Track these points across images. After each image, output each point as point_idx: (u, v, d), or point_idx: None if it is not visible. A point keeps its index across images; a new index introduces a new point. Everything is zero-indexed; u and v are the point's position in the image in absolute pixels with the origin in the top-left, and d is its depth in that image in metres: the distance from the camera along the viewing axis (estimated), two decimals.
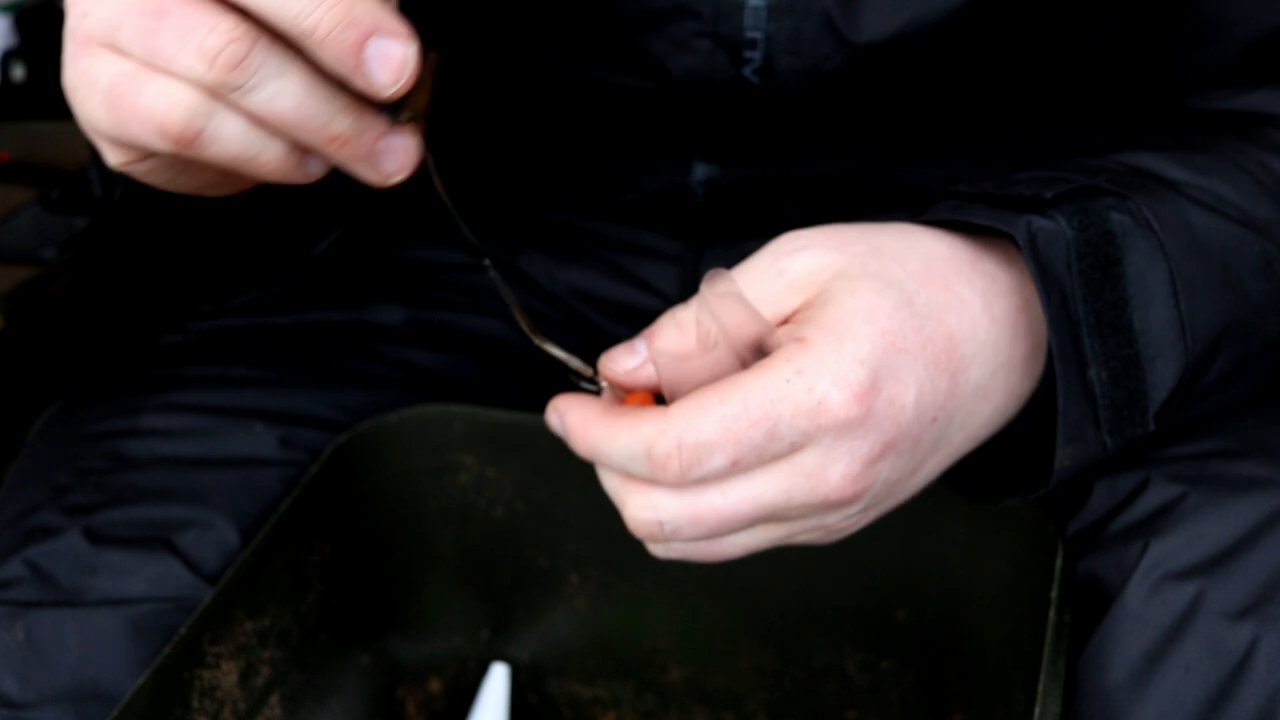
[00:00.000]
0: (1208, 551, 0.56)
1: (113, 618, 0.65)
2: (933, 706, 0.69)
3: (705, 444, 0.46)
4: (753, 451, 0.47)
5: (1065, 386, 0.51)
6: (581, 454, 0.50)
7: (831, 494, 0.48)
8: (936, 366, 0.49)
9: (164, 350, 0.79)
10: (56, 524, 0.68)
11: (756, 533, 0.50)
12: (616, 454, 0.49)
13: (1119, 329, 0.52)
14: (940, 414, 0.50)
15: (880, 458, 0.48)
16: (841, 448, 0.47)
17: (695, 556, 0.51)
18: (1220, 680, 0.54)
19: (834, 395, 0.47)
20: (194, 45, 0.44)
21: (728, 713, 0.74)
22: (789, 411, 0.46)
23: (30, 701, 0.63)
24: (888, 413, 0.48)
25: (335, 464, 0.69)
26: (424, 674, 0.77)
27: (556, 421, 0.51)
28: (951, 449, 0.52)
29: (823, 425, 0.47)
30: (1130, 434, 0.53)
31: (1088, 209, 0.53)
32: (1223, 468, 0.58)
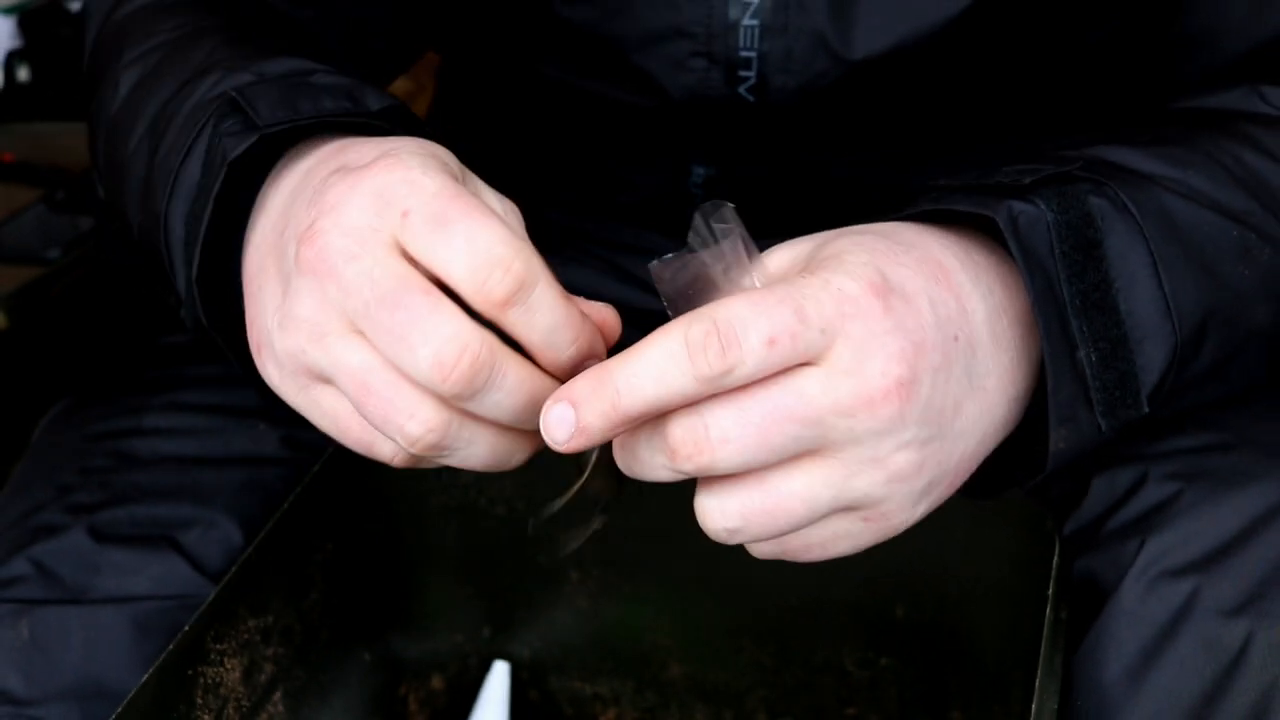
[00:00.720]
0: (1203, 549, 0.56)
1: (117, 615, 0.65)
2: (931, 703, 0.70)
3: (739, 318, 0.45)
4: (786, 330, 0.45)
5: (1054, 367, 0.51)
6: (605, 415, 0.46)
7: (876, 396, 0.46)
8: (937, 281, 0.49)
9: (167, 350, 0.80)
10: (61, 523, 0.68)
11: (812, 471, 0.47)
12: (652, 364, 0.45)
13: (1104, 310, 0.52)
14: (960, 334, 0.49)
15: (916, 361, 0.47)
16: (874, 343, 0.46)
17: (752, 516, 0.47)
18: (1215, 676, 0.54)
19: (850, 284, 0.46)
20: (396, 428, 0.47)
21: (727, 710, 0.74)
22: (812, 295, 0.46)
23: (35, 699, 0.63)
24: (908, 311, 0.47)
25: (337, 463, 0.69)
26: (426, 671, 0.77)
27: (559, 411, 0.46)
28: (986, 396, 0.50)
29: (847, 313, 0.46)
30: (1124, 416, 0.53)
31: (1066, 193, 0.53)
32: (1219, 463, 0.59)
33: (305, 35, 0.73)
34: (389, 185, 0.47)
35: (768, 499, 0.47)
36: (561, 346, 0.47)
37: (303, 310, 0.48)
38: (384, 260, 0.46)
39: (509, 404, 0.47)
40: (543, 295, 0.47)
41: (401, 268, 0.46)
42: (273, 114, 0.56)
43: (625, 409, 0.45)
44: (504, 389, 0.47)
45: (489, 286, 0.45)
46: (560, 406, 0.46)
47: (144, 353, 0.80)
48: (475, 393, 0.46)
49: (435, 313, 0.45)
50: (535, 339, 0.47)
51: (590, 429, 0.46)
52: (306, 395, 0.50)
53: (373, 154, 0.50)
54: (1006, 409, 0.52)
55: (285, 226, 0.51)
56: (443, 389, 0.45)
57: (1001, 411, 0.52)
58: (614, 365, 0.46)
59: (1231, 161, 0.59)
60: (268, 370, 0.52)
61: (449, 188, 0.47)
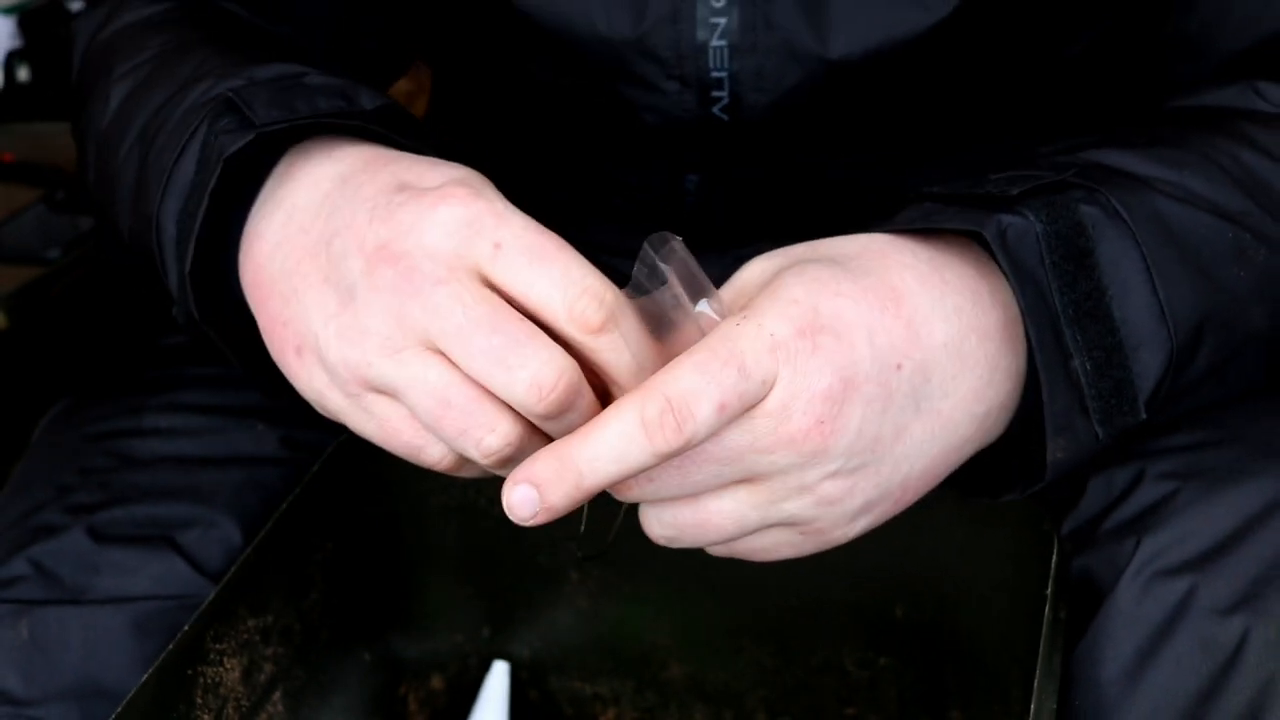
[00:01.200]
0: (1199, 548, 0.56)
1: (116, 616, 0.65)
2: (930, 703, 0.70)
3: (690, 392, 0.46)
4: (734, 391, 0.47)
5: (1048, 378, 0.51)
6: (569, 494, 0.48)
7: (796, 432, 0.48)
8: (884, 310, 0.50)
9: (166, 350, 0.80)
10: (60, 523, 0.68)
11: (740, 495, 0.50)
12: (611, 444, 0.47)
13: (1098, 318, 0.52)
14: (906, 362, 0.50)
15: (844, 397, 0.48)
16: (800, 382, 0.48)
17: (686, 529, 0.51)
18: (1211, 674, 0.54)
19: (780, 328, 0.48)
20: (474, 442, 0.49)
21: (727, 710, 0.74)
22: (749, 346, 0.47)
23: (34, 699, 0.64)
24: (837, 347, 0.48)
25: (337, 462, 0.69)
26: (426, 671, 0.77)
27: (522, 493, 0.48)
28: (940, 418, 0.51)
29: (780, 359, 0.47)
30: (1122, 423, 0.53)
31: (1055, 203, 0.53)
32: (1215, 460, 0.59)
33: (290, 48, 0.74)
34: (477, 216, 0.49)
35: (698, 516, 0.51)
36: (644, 376, 0.49)
37: (375, 324, 0.49)
38: (473, 287, 0.48)
39: (576, 424, 0.49)
40: (630, 326, 0.49)
41: (492, 295, 0.48)
42: (268, 113, 0.57)
43: (588, 488, 0.48)
44: (579, 411, 0.49)
45: (586, 315, 0.48)
46: (522, 489, 0.48)
47: (144, 353, 0.80)
48: (563, 414, 0.48)
49: (534, 339, 0.48)
50: (623, 367, 0.49)
51: (554, 508, 0.48)
52: (356, 403, 0.52)
53: (438, 179, 0.52)
54: (972, 426, 0.53)
55: (331, 235, 0.52)
56: (537, 409, 0.48)
57: (965, 429, 0.52)
58: (575, 447, 0.48)
59: (1228, 161, 0.59)
60: (311, 374, 0.53)
61: (534, 224, 0.50)
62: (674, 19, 0.68)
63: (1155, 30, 0.69)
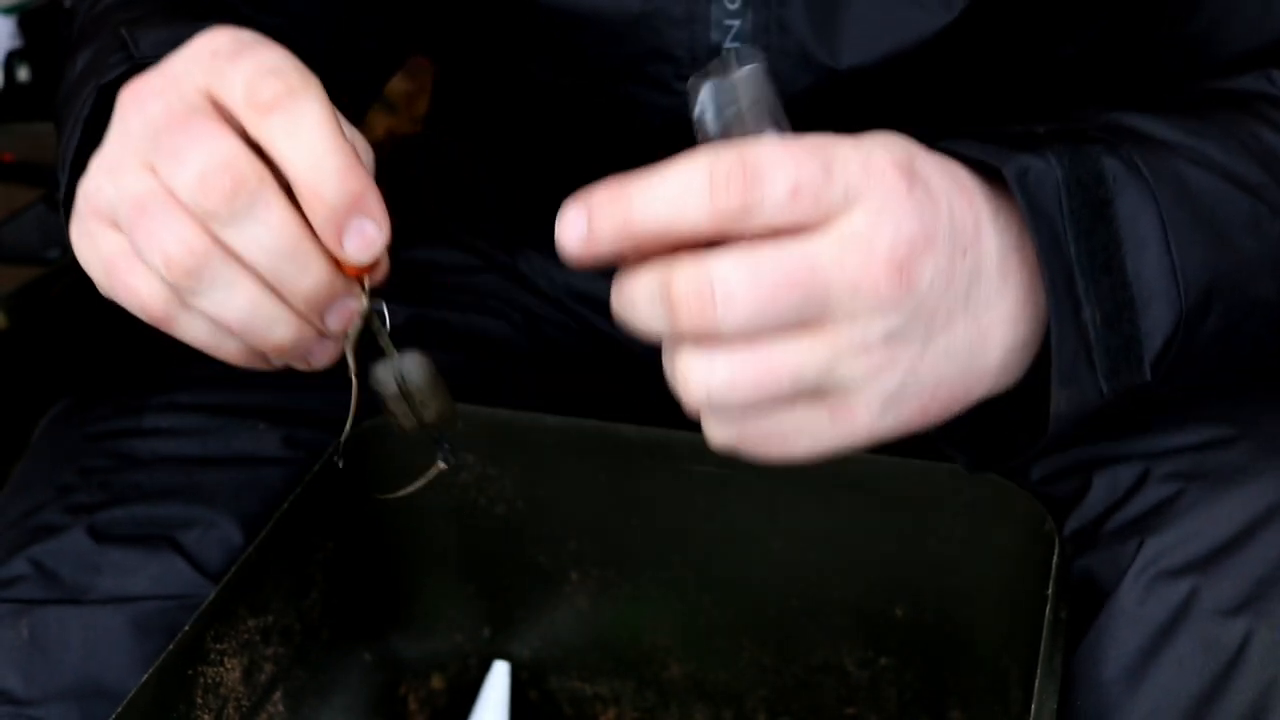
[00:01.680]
0: (1202, 548, 0.56)
1: (117, 615, 0.65)
2: (931, 703, 0.70)
3: (768, 159, 0.44)
4: (811, 182, 0.44)
5: (1059, 325, 0.51)
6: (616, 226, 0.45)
7: (880, 274, 0.45)
8: (960, 192, 0.49)
9: (167, 349, 0.80)
10: (60, 523, 0.68)
11: (805, 342, 0.46)
12: (671, 187, 0.44)
13: (1111, 271, 0.52)
14: (970, 251, 0.49)
15: (925, 249, 0.46)
16: (888, 217, 0.45)
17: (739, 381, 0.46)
18: (1214, 675, 0.54)
19: (879, 154, 0.46)
20: (158, 247, 0.49)
21: (727, 709, 0.74)
22: (843, 154, 0.45)
23: (35, 699, 0.64)
24: (927, 199, 0.47)
25: None
26: (426, 671, 0.77)
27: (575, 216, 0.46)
28: (979, 329, 0.50)
29: (872, 180, 0.45)
30: (1127, 380, 0.52)
31: (1078, 150, 0.52)
32: (1221, 460, 0.59)
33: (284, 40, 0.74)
34: (216, 41, 0.50)
35: (760, 364, 0.46)
36: (327, 179, 0.48)
37: (106, 151, 0.51)
38: (186, 94, 0.49)
39: (269, 243, 0.49)
40: (312, 110, 0.48)
41: (199, 100, 0.49)
42: (153, 48, 0.58)
43: (636, 226, 0.45)
44: (265, 223, 0.48)
45: (259, 92, 0.48)
46: (575, 209, 0.46)
47: (144, 352, 0.80)
48: (234, 216, 0.48)
49: (211, 134, 0.48)
50: (299, 159, 0.48)
51: (600, 237, 0.46)
52: (90, 242, 0.52)
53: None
54: (1000, 355, 0.51)
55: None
56: (203, 205, 0.47)
57: (994, 356, 0.51)
58: (634, 181, 0.45)
59: (1248, 136, 0.58)
60: (74, 220, 0.53)
61: (264, 40, 0.50)
62: (688, 20, 0.68)
63: (1157, 29, 0.69)
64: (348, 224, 0.49)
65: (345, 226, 0.49)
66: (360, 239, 0.50)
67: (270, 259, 0.49)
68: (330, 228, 0.49)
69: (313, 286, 0.51)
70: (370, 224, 0.50)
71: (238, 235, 0.48)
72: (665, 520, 0.70)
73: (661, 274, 0.45)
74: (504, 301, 0.86)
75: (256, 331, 0.51)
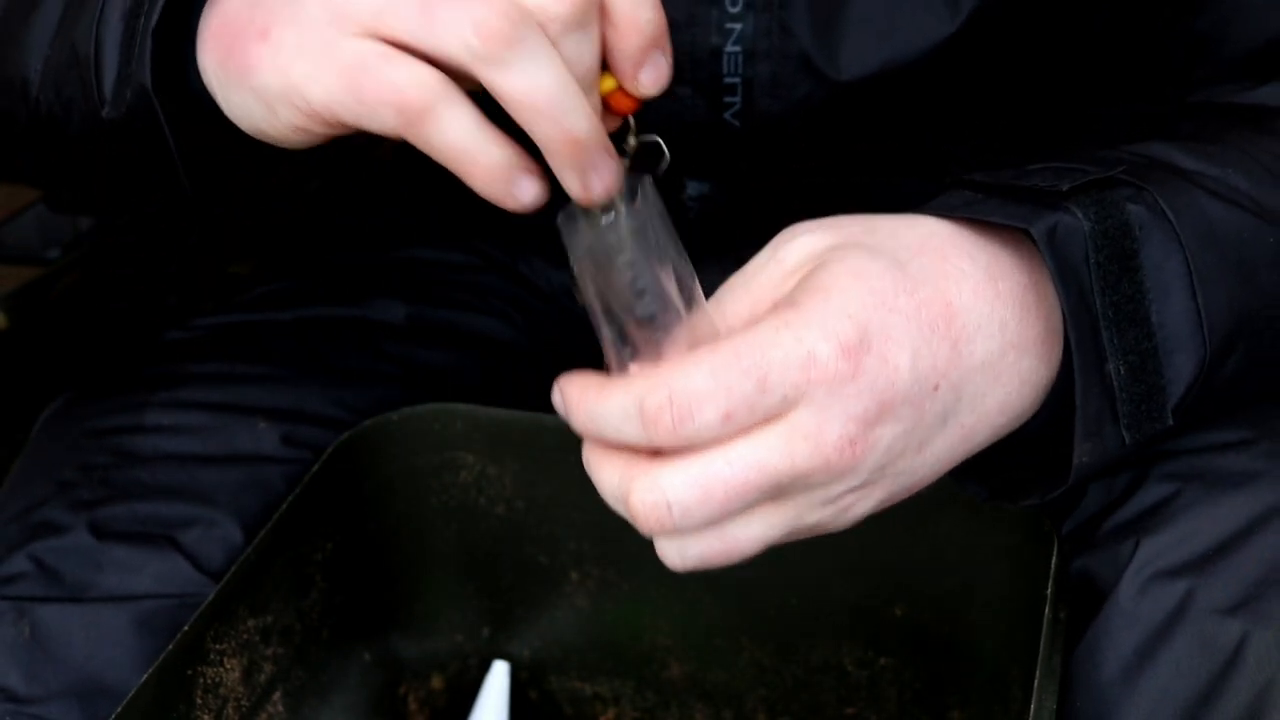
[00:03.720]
0: (1199, 549, 0.56)
1: (118, 614, 0.65)
2: (930, 703, 0.70)
3: (697, 393, 0.45)
4: (745, 403, 0.46)
5: (1084, 381, 0.51)
6: (579, 428, 0.49)
7: (832, 457, 0.47)
8: (933, 330, 0.49)
9: (168, 346, 0.80)
10: (62, 519, 0.68)
11: (766, 516, 0.49)
12: (611, 416, 0.47)
13: (1136, 322, 0.52)
14: (943, 382, 0.49)
15: (878, 420, 0.47)
16: (836, 406, 0.46)
17: (710, 557, 0.50)
18: (1211, 676, 0.54)
19: (822, 347, 0.46)
20: (467, 17, 0.46)
21: (727, 709, 0.74)
22: (779, 360, 0.46)
23: (36, 696, 0.64)
24: (880, 371, 0.47)
25: (337, 462, 0.69)
26: (425, 671, 0.77)
27: (559, 399, 0.50)
28: (963, 430, 0.51)
29: (813, 379, 0.46)
30: (1149, 430, 0.53)
31: (1104, 201, 0.52)
32: (1218, 462, 0.59)
33: None
34: None
35: (725, 544, 0.49)
36: (646, 6, 0.48)
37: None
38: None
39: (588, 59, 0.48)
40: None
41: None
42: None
43: (593, 431, 0.49)
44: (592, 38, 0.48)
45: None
46: (556, 392, 0.50)
47: (145, 349, 0.80)
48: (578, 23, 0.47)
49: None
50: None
51: (574, 423, 0.49)
52: (321, 56, 0.49)
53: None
54: (990, 434, 0.52)
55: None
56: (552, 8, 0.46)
57: (983, 438, 0.52)
58: (585, 400, 0.48)
59: (1269, 159, 0.58)
60: (277, 50, 0.50)
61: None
62: (689, 24, 0.68)
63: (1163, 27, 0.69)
64: (650, 56, 0.49)
65: (649, 58, 0.49)
66: (657, 72, 0.49)
67: (581, 73, 0.48)
68: (639, 56, 0.49)
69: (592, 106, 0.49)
70: (665, 60, 0.49)
71: (572, 44, 0.47)
72: None
73: (622, 479, 0.48)
74: (504, 301, 0.86)
75: (562, 112, 0.48)
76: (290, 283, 0.85)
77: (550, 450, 0.70)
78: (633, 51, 0.48)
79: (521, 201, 0.50)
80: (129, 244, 1.19)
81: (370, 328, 0.82)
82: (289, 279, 0.85)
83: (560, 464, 0.70)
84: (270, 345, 0.79)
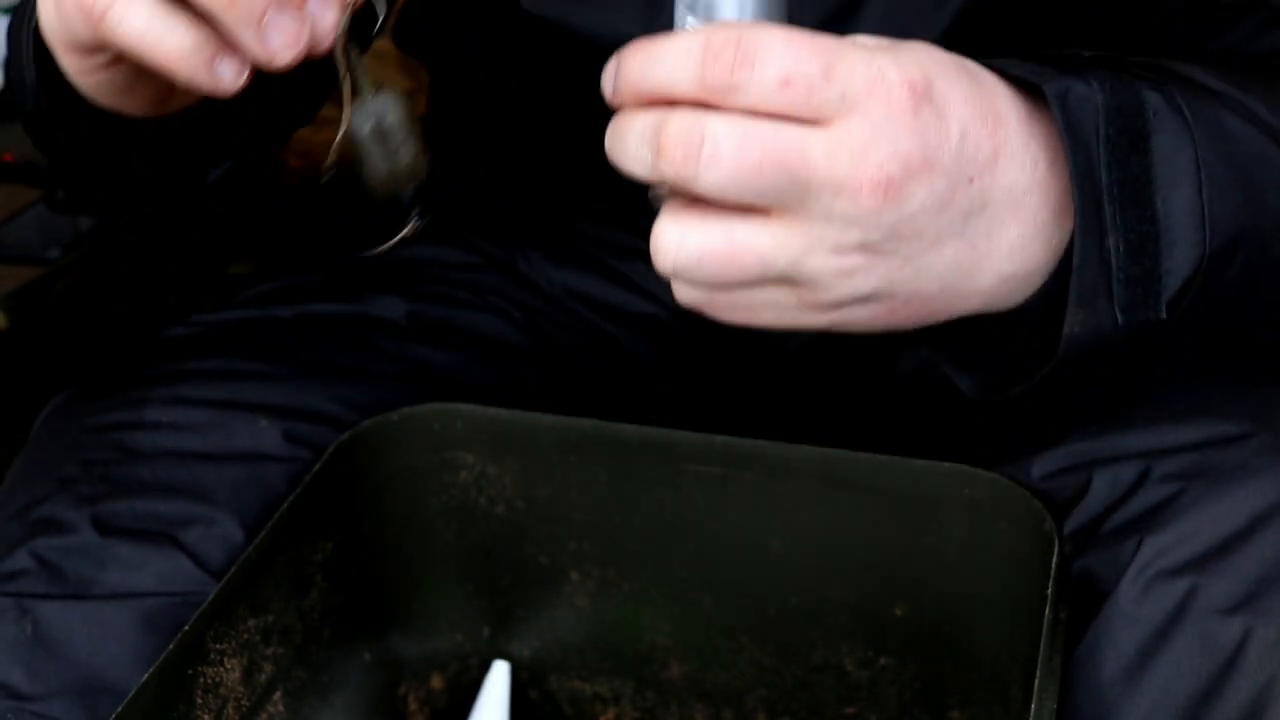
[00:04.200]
0: (1200, 548, 0.56)
1: (121, 611, 0.65)
2: (930, 703, 0.70)
3: (765, 45, 0.45)
4: (805, 80, 0.45)
5: (1082, 246, 0.51)
6: (625, 82, 0.47)
7: (865, 184, 0.46)
8: (983, 123, 0.49)
9: (168, 343, 0.80)
10: (64, 516, 0.68)
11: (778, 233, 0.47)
12: (671, 53, 0.46)
13: (1140, 204, 0.52)
14: (977, 178, 0.49)
15: (919, 172, 0.47)
16: (887, 132, 0.46)
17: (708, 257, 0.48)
18: (1212, 675, 0.54)
19: (892, 72, 0.46)
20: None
21: (727, 709, 0.74)
22: (850, 63, 0.45)
23: (38, 694, 0.64)
24: (934, 125, 0.47)
25: (338, 462, 0.69)
26: (426, 671, 0.77)
27: (612, 66, 0.48)
28: (973, 253, 0.50)
29: (875, 93, 0.46)
30: (1141, 315, 0.52)
31: (1122, 79, 0.52)
32: (1221, 459, 0.59)
33: None
34: None
35: (729, 246, 0.47)
36: None
37: None
38: None
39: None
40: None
41: None
42: None
43: (641, 85, 0.47)
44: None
45: None
46: (611, 61, 0.48)
47: (145, 345, 0.80)
48: None
49: None
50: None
51: (620, 92, 0.48)
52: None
53: None
54: (993, 280, 0.52)
55: None
56: None
57: (986, 279, 0.51)
58: (646, 48, 0.47)
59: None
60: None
61: None
62: None
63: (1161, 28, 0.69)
64: None
65: None
66: None
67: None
68: None
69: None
70: None
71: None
72: (665, 520, 0.70)
73: (657, 117, 0.47)
74: (504, 300, 0.86)
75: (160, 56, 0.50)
76: (290, 280, 0.85)
77: (550, 450, 0.70)
78: None
79: (223, 83, 0.50)
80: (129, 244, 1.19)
81: (371, 325, 0.82)
82: (289, 276, 0.85)
83: (560, 464, 0.70)
84: (270, 342, 0.79)
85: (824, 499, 0.67)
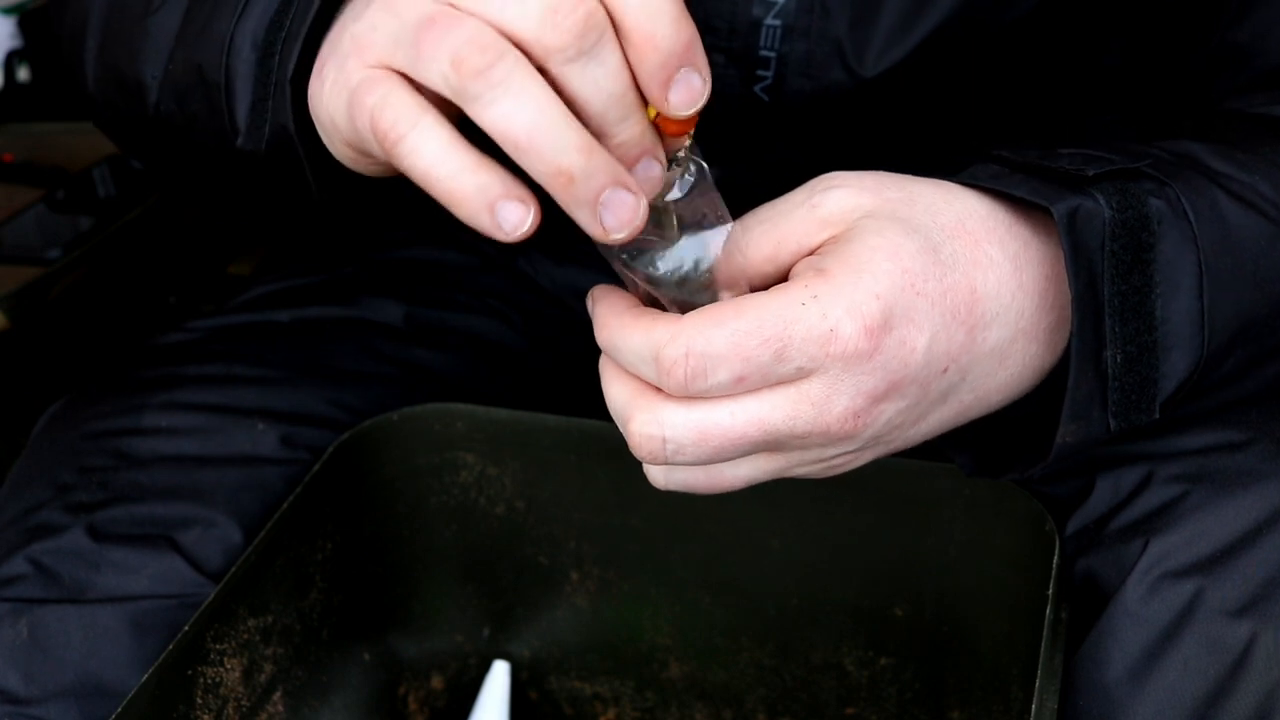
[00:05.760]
0: (1207, 550, 0.56)
1: (116, 615, 0.65)
2: (930, 703, 0.70)
3: (713, 355, 0.46)
4: (759, 371, 0.47)
5: (1079, 364, 0.51)
6: (600, 343, 0.51)
7: (834, 426, 0.48)
8: (954, 317, 0.49)
9: (166, 349, 0.80)
10: (60, 521, 0.68)
11: (757, 462, 0.50)
12: (628, 350, 0.49)
13: (1140, 314, 0.52)
14: (952, 366, 0.50)
15: (885, 397, 0.48)
16: (848, 381, 0.47)
17: (694, 486, 0.51)
18: (1219, 677, 0.54)
19: (846, 325, 0.47)
20: (447, 51, 0.45)
21: (727, 709, 0.74)
22: (800, 334, 0.47)
23: (35, 698, 0.64)
24: (898, 353, 0.48)
25: (337, 462, 0.69)
26: (425, 671, 0.77)
27: (590, 306, 0.52)
28: (960, 407, 0.52)
29: (832, 354, 0.47)
30: (1134, 420, 0.53)
31: (1127, 191, 0.52)
32: (1226, 463, 0.59)
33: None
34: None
35: (711, 479, 0.51)
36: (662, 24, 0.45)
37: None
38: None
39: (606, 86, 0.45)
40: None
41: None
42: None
43: (612, 358, 0.50)
44: (606, 64, 0.45)
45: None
46: (589, 300, 0.52)
47: (142, 351, 0.80)
48: (582, 53, 0.45)
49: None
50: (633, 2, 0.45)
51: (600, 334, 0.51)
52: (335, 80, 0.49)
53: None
54: (983, 411, 0.53)
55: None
56: (549, 39, 0.44)
57: (975, 413, 0.53)
58: (609, 324, 0.50)
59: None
60: (322, 78, 0.51)
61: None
62: None
63: (1197, 40, 0.68)
64: (676, 74, 0.46)
65: (673, 77, 0.46)
66: (688, 91, 0.46)
67: (604, 102, 0.46)
68: (661, 75, 0.46)
69: (632, 137, 0.47)
70: (697, 76, 0.46)
71: (579, 74, 0.45)
72: (665, 520, 0.70)
73: (627, 403, 0.50)
74: (504, 301, 0.86)
75: (545, 148, 0.45)
76: (288, 284, 0.85)
77: (550, 450, 0.70)
78: (654, 70, 0.46)
79: (505, 229, 0.47)
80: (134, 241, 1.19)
81: (368, 329, 0.82)
82: (286, 280, 0.85)
83: (560, 464, 0.70)
84: (268, 347, 0.79)
85: (824, 499, 0.67)
